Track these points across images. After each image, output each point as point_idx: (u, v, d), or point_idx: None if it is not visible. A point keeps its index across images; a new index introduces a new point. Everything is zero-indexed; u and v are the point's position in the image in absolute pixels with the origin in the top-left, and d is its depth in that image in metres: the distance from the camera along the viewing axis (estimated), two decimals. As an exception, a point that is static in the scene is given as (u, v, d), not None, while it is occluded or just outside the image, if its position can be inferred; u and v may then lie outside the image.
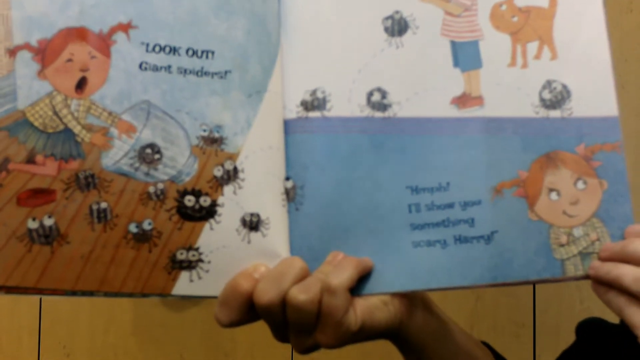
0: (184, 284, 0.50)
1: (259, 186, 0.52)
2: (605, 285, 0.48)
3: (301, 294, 0.48)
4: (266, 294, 0.48)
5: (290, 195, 0.52)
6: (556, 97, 0.52)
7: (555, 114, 0.52)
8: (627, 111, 0.88)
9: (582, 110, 0.52)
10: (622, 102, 0.89)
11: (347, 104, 0.53)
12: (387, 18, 0.53)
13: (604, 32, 0.52)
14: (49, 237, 0.47)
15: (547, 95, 0.52)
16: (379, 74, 0.53)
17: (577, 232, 0.51)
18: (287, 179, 0.53)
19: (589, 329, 0.68)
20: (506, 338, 0.91)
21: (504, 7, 0.53)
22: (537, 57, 0.52)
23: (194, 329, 1.05)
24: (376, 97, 0.53)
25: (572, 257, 0.50)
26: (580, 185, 0.51)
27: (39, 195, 0.48)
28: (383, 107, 0.53)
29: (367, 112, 0.53)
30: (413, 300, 0.54)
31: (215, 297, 0.50)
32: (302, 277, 0.49)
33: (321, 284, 0.49)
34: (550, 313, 0.91)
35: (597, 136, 0.51)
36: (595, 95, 0.52)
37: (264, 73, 0.53)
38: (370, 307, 0.51)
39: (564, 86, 0.52)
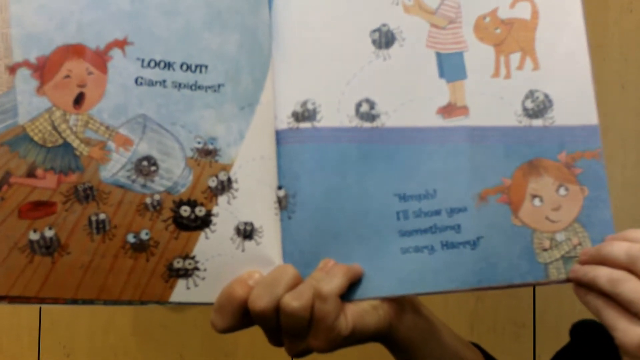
0: (181, 292, 0.52)
1: (252, 196, 0.53)
2: (584, 287, 0.50)
3: (294, 301, 0.50)
4: (260, 301, 0.50)
5: (282, 204, 0.54)
6: (538, 107, 0.54)
7: (537, 122, 0.54)
8: (627, 111, 0.89)
9: (564, 119, 0.53)
10: (622, 102, 0.90)
11: (337, 114, 0.55)
12: (374, 31, 0.55)
13: (584, 43, 0.54)
14: (49, 247, 0.49)
15: (529, 104, 0.54)
16: (367, 85, 0.55)
17: (560, 236, 0.53)
18: (280, 187, 0.54)
19: (584, 330, 0.69)
20: (506, 338, 0.92)
21: (487, 20, 0.55)
22: (520, 67, 0.54)
23: (194, 329, 1.06)
24: (365, 107, 0.55)
25: (554, 261, 0.52)
26: (562, 191, 0.53)
27: (39, 208, 0.49)
28: (371, 117, 0.54)
29: (356, 122, 0.55)
30: (401, 303, 0.56)
31: (211, 304, 0.52)
32: (295, 284, 0.51)
33: (313, 291, 0.50)
34: (550, 313, 0.92)
35: (578, 144, 0.53)
36: (576, 105, 0.53)
37: (255, 85, 0.54)
38: (360, 311, 0.53)
39: (546, 96, 0.54)
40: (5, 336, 1.15)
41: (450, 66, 0.55)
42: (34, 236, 0.49)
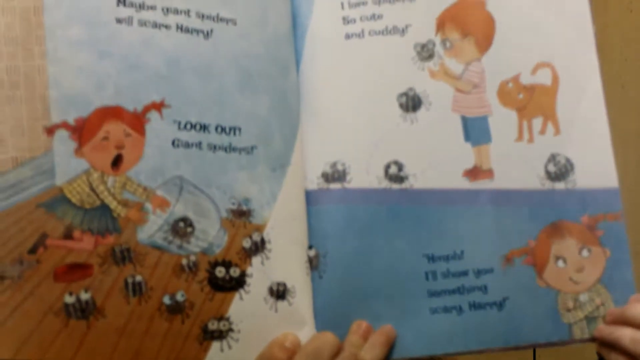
0: (215, 354, 0.52)
1: (284, 256, 0.54)
2: (608, 346, 0.52)
3: None
4: None
5: (313, 263, 0.55)
6: (560, 170, 0.55)
7: (560, 185, 0.55)
8: (627, 111, 0.88)
9: (585, 182, 0.55)
10: (622, 102, 0.89)
11: (366, 176, 0.56)
12: (401, 95, 0.57)
13: (602, 108, 0.56)
14: (85, 311, 0.49)
15: (552, 168, 0.56)
16: (395, 147, 0.56)
17: (583, 297, 0.54)
18: (310, 247, 0.55)
19: None
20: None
21: (510, 85, 0.57)
22: (542, 132, 0.56)
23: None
24: (393, 169, 0.56)
25: (578, 321, 0.54)
26: (584, 253, 0.55)
27: (75, 270, 0.49)
28: (400, 179, 0.56)
29: (385, 184, 0.56)
30: None
31: (244, 367, 0.52)
32: (336, 353, 0.51)
33: None
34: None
35: (599, 206, 0.55)
36: (596, 168, 0.55)
37: (286, 147, 0.55)
38: None
39: (568, 159, 0.56)
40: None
41: (475, 130, 0.56)
42: (70, 299, 0.48)
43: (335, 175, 0.56)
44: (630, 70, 0.89)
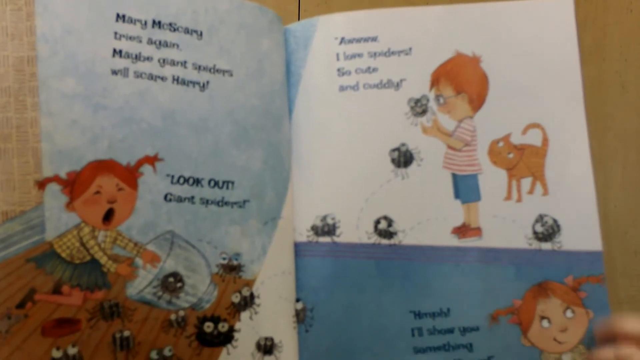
0: (201, 408, 0.52)
1: (272, 311, 0.54)
2: None
3: None
4: None
5: (300, 317, 0.55)
6: (547, 231, 0.56)
7: (546, 246, 0.56)
8: (627, 111, 0.88)
9: (571, 243, 0.56)
10: (622, 102, 0.89)
11: (356, 230, 0.56)
12: (393, 150, 0.57)
13: (589, 171, 0.57)
14: (72, 366, 0.49)
15: (539, 228, 0.56)
16: (386, 202, 0.56)
17: (566, 357, 0.55)
18: (298, 300, 0.55)
19: None
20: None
21: (501, 144, 0.57)
22: (531, 192, 0.57)
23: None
24: (383, 225, 0.56)
25: (560, 380, 0.55)
26: (568, 314, 0.55)
27: (64, 325, 0.49)
28: (389, 234, 0.56)
29: (374, 239, 0.56)
30: None
31: (228, 419, 0.53)
32: None
33: None
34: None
35: (583, 269, 0.56)
36: (582, 231, 0.56)
37: (278, 200, 0.55)
38: None
39: (555, 221, 0.56)
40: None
41: (465, 187, 0.57)
42: (57, 354, 0.48)
43: (325, 228, 0.56)
44: (630, 70, 0.89)
